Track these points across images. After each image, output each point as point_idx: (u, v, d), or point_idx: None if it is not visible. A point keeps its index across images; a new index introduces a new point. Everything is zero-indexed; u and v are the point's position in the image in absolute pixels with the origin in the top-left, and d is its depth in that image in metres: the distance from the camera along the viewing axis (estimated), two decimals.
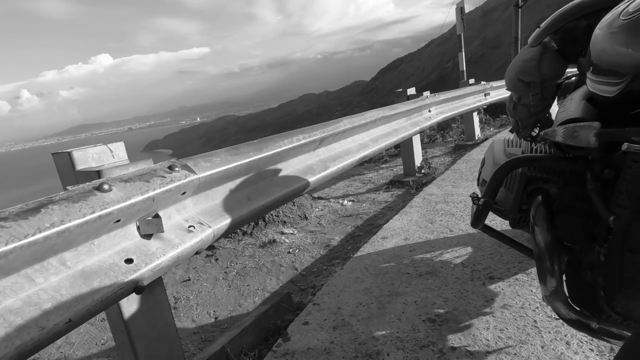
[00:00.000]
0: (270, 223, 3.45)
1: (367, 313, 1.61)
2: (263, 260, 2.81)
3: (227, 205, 1.49)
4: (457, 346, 1.31)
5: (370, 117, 2.69)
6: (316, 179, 1.99)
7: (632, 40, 0.74)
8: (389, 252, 2.19)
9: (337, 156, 2.29)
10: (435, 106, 4.11)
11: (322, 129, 2.11)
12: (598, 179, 0.83)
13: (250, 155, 1.56)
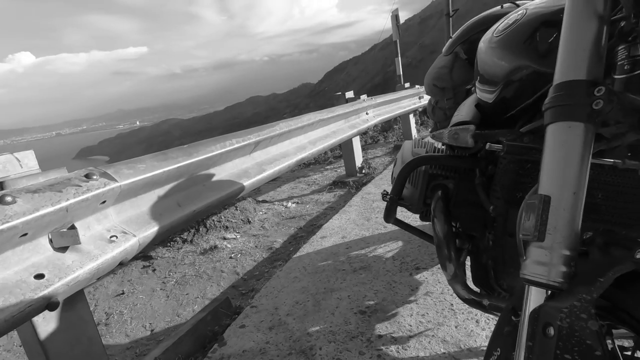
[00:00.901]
0: (212, 229, 3.38)
1: (303, 311, 1.66)
2: (204, 267, 2.75)
3: (155, 212, 1.45)
4: (384, 334, 1.41)
5: (307, 120, 2.76)
6: (252, 182, 2.01)
7: (502, 53, 0.86)
8: (327, 250, 2.27)
9: (274, 159, 2.31)
10: (372, 109, 4.30)
11: (258, 132, 2.13)
12: (484, 174, 0.95)
13: (179, 160, 1.54)
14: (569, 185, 0.55)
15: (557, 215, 0.54)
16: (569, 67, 0.58)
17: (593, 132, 0.56)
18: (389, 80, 17.02)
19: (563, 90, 0.57)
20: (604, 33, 0.57)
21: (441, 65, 1.81)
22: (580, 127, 0.55)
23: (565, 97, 0.56)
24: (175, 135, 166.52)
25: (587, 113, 0.54)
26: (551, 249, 0.54)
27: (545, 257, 0.54)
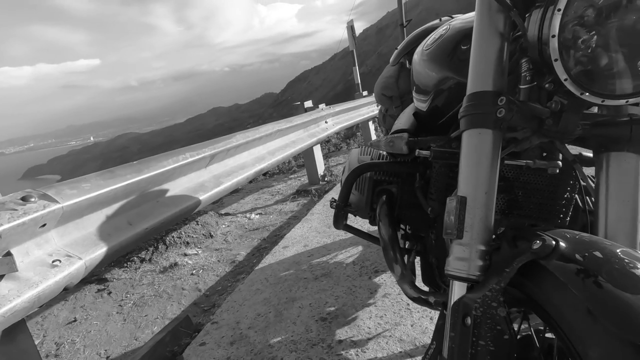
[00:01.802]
0: (172, 246, 3.27)
1: (264, 323, 1.65)
2: (163, 286, 2.65)
3: (103, 232, 1.40)
4: (344, 338, 1.44)
5: (265, 131, 2.77)
6: (209, 196, 1.98)
7: (431, 65, 0.93)
8: (289, 260, 2.27)
9: (231, 171, 2.30)
10: (331, 117, 4.38)
11: (213, 145, 2.11)
12: (423, 178, 1.02)
13: (128, 177, 1.50)
14: (482, 186, 0.60)
15: (472, 214, 0.60)
16: (478, 80, 0.64)
17: (500, 137, 0.62)
18: (351, 88, 17.91)
19: (473, 100, 0.63)
20: (505, 49, 0.64)
21: (388, 75, 1.90)
22: (488, 133, 0.61)
23: (475, 106, 0.62)
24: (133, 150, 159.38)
25: (493, 121, 0.60)
26: (469, 245, 0.59)
27: (464, 253, 0.59)
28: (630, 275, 0.42)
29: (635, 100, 0.55)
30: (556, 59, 0.53)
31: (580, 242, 0.49)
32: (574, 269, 0.45)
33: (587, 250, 0.47)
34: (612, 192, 0.62)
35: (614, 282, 0.42)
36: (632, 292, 0.40)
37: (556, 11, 0.52)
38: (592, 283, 0.42)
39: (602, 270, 0.44)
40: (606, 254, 0.46)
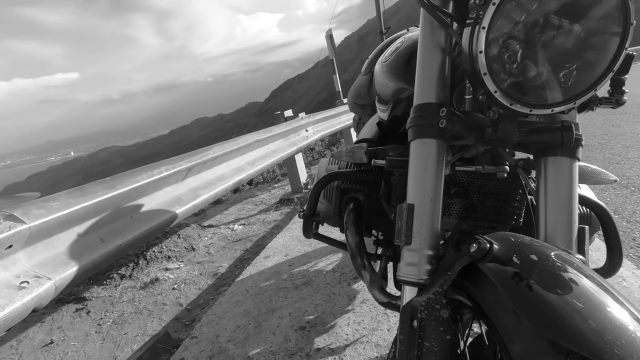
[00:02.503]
0: (153, 261, 3.22)
1: (244, 335, 1.65)
2: (144, 302, 2.61)
3: (74, 251, 1.38)
4: (322, 346, 1.44)
5: (243, 141, 2.77)
6: (186, 209, 1.97)
7: (389, 76, 0.97)
8: (270, 270, 2.27)
9: (209, 183, 2.29)
10: (312, 125, 4.41)
11: (189, 158, 2.11)
12: (387, 185, 1.04)
13: (99, 194, 1.48)
14: (428, 193, 0.63)
15: (420, 220, 0.62)
16: (422, 92, 0.67)
17: (444, 146, 0.65)
18: (334, 95, 17.99)
19: (418, 112, 0.66)
20: (447, 63, 0.68)
21: (360, 84, 1.94)
22: (432, 142, 0.64)
23: (420, 118, 0.65)
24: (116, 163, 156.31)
25: (436, 131, 0.64)
26: (417, 250, 0.62)
27: (413, 258, 0.62)
28: (558, 278, 0.45)
29: (561, 109, 0.59)
30: (485, 73, 0.57)
31: (516, 245, 0.52)
32: (505, 270, 0.48)
33: (521, 253, 0.50)
34: (550, 195, 0.65)
35: (542, 283, 0.44)
36: (558, 294, 0.43)
37: (481, 29, 0.55)
38: (521, 284, 0.45)
39: (533, 272, 0.46)
40: (540, 256, 0.49)
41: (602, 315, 0.40)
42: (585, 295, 0.42)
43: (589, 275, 0.47)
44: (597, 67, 0.57)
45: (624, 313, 0.41)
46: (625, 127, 4.62)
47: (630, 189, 2.61)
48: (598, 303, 0.41)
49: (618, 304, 0.42)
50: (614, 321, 0.39)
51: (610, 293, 0.44)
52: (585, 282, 0.45)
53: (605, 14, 0.54)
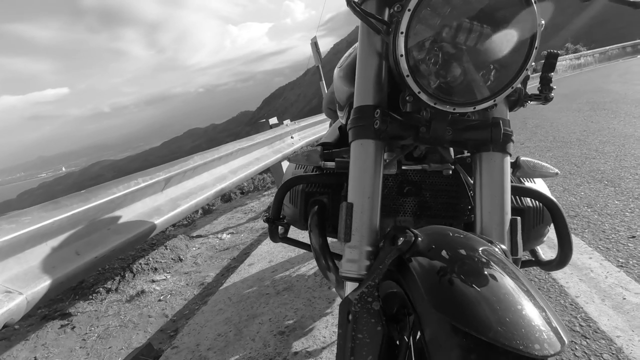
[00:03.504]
0: (140, 273, 3.21)
1: (224, 342, 1.65)
2: (129, 315, 2.59)
3: (47, 265, 1.38)
4: (299, 350, 1.45)
5: (225, 150, 2.79)
6: (165, 220, 1.98)
7: (343, 82, 1.00)
8: (253, 277, 2.28)
9: (190, 193, 2.30)
10: (297, 132, 4.45)
11: (168, 168, 2.12)
12: None
13: (73, 207, 1.49)
14: (366, 192, 0.66)
15: (359, 218, 0.65)
16: (361, 95, 0.70)
17: (381, 146, 0.68)
18: None
19: (357, 114, 0.69)
20: (383, 67, 0.71)
21: (333, 91, 1.99)
22: (370, 143, 0.67)
23: (357, 119, 0.68)
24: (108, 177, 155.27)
25: (372, 131, 0.67)
26: (357, 247, 0.64)
27: (354, 255, 0.64)
28: (473, 269, 0.47)
29: (482, 107, 0.62)
30: (407, 75, 0.60)
31: (442, 238, 0.55)
32: (423, 261, 0.50)
33: (447, 246, 0.52)
34: (485, 189, 0.68)
35: (457, 274, 0.47)
36: (467, 283, 0.45)
37: (399, 34, 0.59)
38: (434, 274, 0.47)
39: (455, 264, 0.48)
40: (461, 248, 0.51)
41: (504, 302, 0.42)
42: (494, 284, 0.45)
43: (504, 266, 0.49)
44: (512, 66, 0.60)
45: (527, 302, 0.43)
46: (603, 123, 4.72)
47: (603, 182, 2.66)
48: (503, 291, 0.44)
49: (523, 293, 0.44)
50: (515, 308, 0.42)
51: (520, 283, 0.47)
52: (497, 273, 0.47)
53: (514, 17, 0.58)
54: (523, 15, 0.58)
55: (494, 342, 0.37)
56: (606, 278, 1.54)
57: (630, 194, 2.37)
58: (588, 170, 3.02)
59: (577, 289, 1.51)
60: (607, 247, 1.79)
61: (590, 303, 1.40)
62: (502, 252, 0.56)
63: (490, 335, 0.38)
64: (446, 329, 0.42)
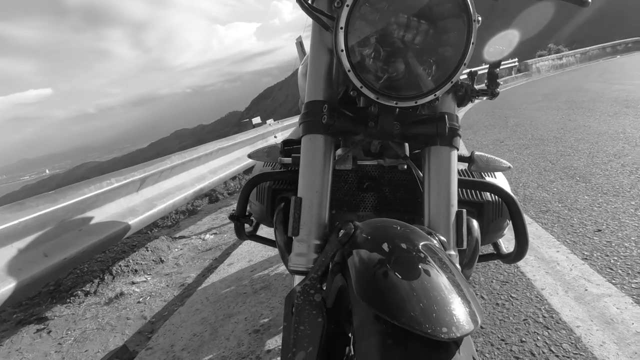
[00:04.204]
0: (119, 275, 3.16)
1: (199, 342, 1.64)
2: (107, 318, 2.55)
3: (13, 267, 1.36)
4: (272, 348, 1.46)
5: (204, 150, 2.78)
6: (140, 220, 1.96)
7: (302, 79, 1.02)
8: (232, 277, 2.27)
9: (167, 193, 2.28)
10: (280, 132, 4.44)
11: (143, 168, 2.10)
12: None
13: (40, 208, 1.47)
14: (314, 187, 0.67)
15: (307, 212, 0.66)
16: (311, 91, 0.71)
17: (330, 141, 0.69)
18: None
19: (307, 109, 0.70)
20: (334, 63, 0.72)
21: None
22: (319, 138, 0.68)
23: (308, 114, 0.69)
24: None
25: (321, 126, 0.68)
26: (305, 241, 0.65)
27: (302, 248, 0.65)
28: (407, 262, 0.48)
29: (424, 101, 0.63)
30: (349, 70, 0.61)
31: (383, 230, 0.56)
32: (360, 253, 0.51)
33: (384, 238, 0.53)
34: (432, 182, 0.70)
35: (389, 265, 0.47)
36: (401, 276, 0.46)
37: (339, 29, 0.60)
38: (365, 265, 0.48)
39: (386, 255, 0.49)
40: (403, 241, 0.52)
41: (423, 290, 0.43)
42: (419, 274, 0.46)
43: (435, 257, 0.50)
44: (451, 61, 0.62)
45: (445, 290, 0.44)
46: (580, 121, 4.84)
47: (575, 179, 2.74)
48: (425, 280, 0.45)
49: (446, 281, 0.45)
50: (432, 295, 0.43)
51: (447, 272, 0.48)
52: (425, 264, 0.48)
53: (451, 13, 0.60)
54: (459, 11, 0.59)
55: (405, 326, 0.39)
56: (571, 270, 1.59)
57: (600, 190, 2.44)
58: (562, 167, 3.10)
59: (543, 281, 1.55)
60: (574, 241, 1.84)
61: (555, 295, 1.45)
62: (440, 243, 0.58)
63: (403, 321, 0.39)
64: (370, 317, 0.44)
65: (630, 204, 2.15)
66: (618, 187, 2.42)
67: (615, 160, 2.99)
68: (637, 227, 1.86)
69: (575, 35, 39.96)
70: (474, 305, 0.43)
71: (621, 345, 1.14)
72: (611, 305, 1.33)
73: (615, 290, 1.40)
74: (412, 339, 0.40)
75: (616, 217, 2.02)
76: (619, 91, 6.73)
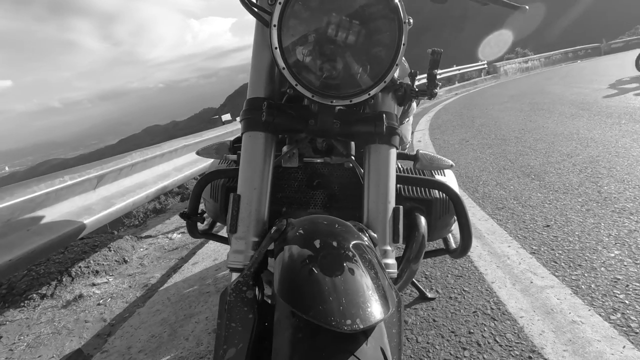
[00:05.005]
0: (79, 277, 3.04)
1: (157, 344, 1.61)
2: (64, 321, 2.45)
3: None
4: None
5: (169, 147, 2.71)
6: (97, 219, 1.90)
7: None
8: (196, 276, 2.24)
9: (127, 191, 2.22)
10: None
11: (101, 166, 2.03)
12: None
13: None
14: (253, 184, 0.67)
15: (246, 209, 0.66)
16: (253, 87, 0.72)
17: (271, 138, 0.70)
18: None
19: (247, 106, 0.70)
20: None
21: None
22: (258, 135, 0.69)
23: (247, 111, 0.70)
24: None
25: (260, 124, 0.68)
26: (244, 238, 0.65)
27: (240, 246, 0.65)
28: (334, 261, 0.48)
29: (359, 99, 0.65)
30: (283, 68, 0.62)
31: (314, 227, 0.57)
32: (286, 249, 0.52)
33: (314, 234, 0.54)
34: (372, 180, 0.72)
35: (308, 260, 0.48)
36: (319, 271, 0.47)
37: (272, 26, 0.60)
38: (291, 261, 0.49)
39: (316, 254, 0.50)
40: (330, 237, 0.53)
41: (336, 284, 0.45)
42: (338, 269, 0.47)
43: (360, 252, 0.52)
44: (384, 61, 0.64)
45: (358, 284, 0.46)
46: (539, 122, 5.08)
47: (531, 177, 2.88)
48: (341, 275, 0.46)
49: (363, 276, 0.47)
50: (343, 289, 0.44)
51: (367, 267, 0.49)
52: (347, 260, 0.49)
53: (382, 15, 0.62)
54: (390, 13, 0.61)
55: (312, 320, 0.40)
56: (519, 264, 1.67)
57: (552, 187, 2.58)
58: (520, 165, 3.24)
59: (493, 275, 1.63)
60: (524, 236, 1.94)
61: (503, 288, 1.52)
62: (370, 239, 0.59)
63: (311, 314, 0.40)
64: (287, 312, 0.45)
65: (577, 200, 2.29)
66: (568, 185, 2.57)
67: (568, 159, 3.17)
68: (581, 222, 1.99)
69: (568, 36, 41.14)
70: (389, 298, 0.45)
71: (558, 333, 1.22)
72: (552, 296, 1.41)
73: (557, 282, 1.49)
74: (323, 332, 0.42)
75: (564, 213, 2.14)
76: (577, 94, 7.11)
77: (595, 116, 4.78)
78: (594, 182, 2.54)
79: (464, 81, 17.05)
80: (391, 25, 0.62)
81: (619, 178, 2.54)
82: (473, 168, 3.45)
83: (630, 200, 2.16)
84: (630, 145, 3.27)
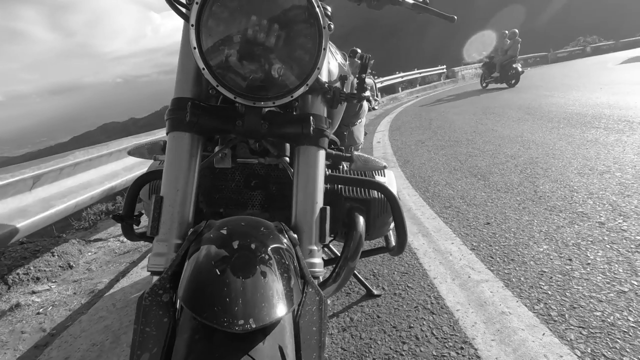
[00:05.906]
0: (17, 284, 2.83)
1: (97, 352, 1.54)
2: None
3: None
4: None
5: (118, 146, 2.59)
6: (32, 222, 1.78)
7: None
8: (145, 280, 2.16)
9: (69, 192, 2.10)
10: None
11: (38, 165, 1.90)
12: None
13: None
14: (177, 185, 0.67)
15: (168, 211, 0.65)
16: (179, 87, 0.71)
17: (196, 139, 0.69)
18: None
19: (172, 106, 0.69)
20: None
21: None
22: (183, 135, 0.68)
23: (172, 111, 0.69)
24: None
25: (185, 124, 0.67)
26: (166, 240, 0.65)
27: (161, 248, 0.64)
28: (242, 263, 0.49)
29: (282, 102, 0.67)
30: (203, 68, 0.62)
31: (235, 228, 0.57)
32: (198, 252, 0.53)
33: (232, 236, 0.54)
34: (300, 182, 0.73)
35: (213, 262, 0.48)
36: (222, 272, 0.47)
37: (190, 26, 0.60)
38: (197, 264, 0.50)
39: (232, 256, 0.50)
40: (244, 239, 0.53)
41: (235, 286, 0.45)
42: (244, 271, 0.48)
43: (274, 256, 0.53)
44: (307, 64, 0.66)
45: (259, 284, 0.47)
46: (489, 125, 5.39)
47: (477, 177, 3.05)
48: (243, 276, 0.47)
49: (267, 276, 0.48)
50: (242, 290, 0.45)
51: (276, 268, 0.51)
52: (255, 261, 0.50)
53: (302, 19, 0.63)
54: (309, 18, 0.63)
55: (205, 321, 0.41)
56: (460, 260, 1.77)
57: (494, 187, 2.75)
58: (469, 166, 3.42)
59: (436, 271, 1.71)
60: (466, 233, 2.05)
61: (444, 283, 1.60)
62: (289, 239, 0.61)
63: (205, 316, 0.41)
64: (189, 314, 0.45)
65: (516, 199, 2.46)
66: (509, 185, 2.75)
67: (511, 160, 3.39)
68: (518, 220, 2.14)
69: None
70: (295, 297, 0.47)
71: (488, 324, 1.31)
72: (486, 289, 1.51)
73: (492, 276, 1.60)
74: (219, 333, 0.43)
75: (503, 211, 2.29)
76: (524, 99, 7.61)
77: (539, 120, 5.14)
78: (532, 182, 2.74)
79: (425, 84, 17.68)
80: (311, 30, 0.64)
81: (553, 178, 2.76)
82: (426, 169, 3.59)
83: (561, 199, 2.35)
84: (565, 148, 3.56)
